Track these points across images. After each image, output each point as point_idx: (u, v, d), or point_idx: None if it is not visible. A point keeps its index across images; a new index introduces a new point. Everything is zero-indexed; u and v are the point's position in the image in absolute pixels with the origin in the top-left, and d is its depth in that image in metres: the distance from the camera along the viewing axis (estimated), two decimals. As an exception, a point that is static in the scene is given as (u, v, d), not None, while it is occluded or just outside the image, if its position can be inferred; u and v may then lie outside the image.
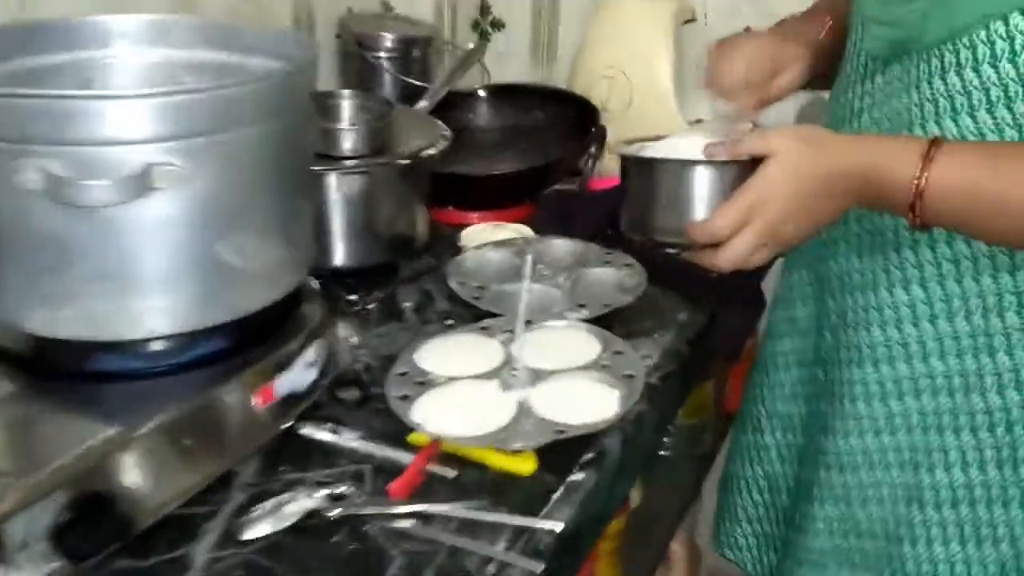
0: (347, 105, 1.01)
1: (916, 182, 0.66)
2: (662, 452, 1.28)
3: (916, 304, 0.75)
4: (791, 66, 0.92)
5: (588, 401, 0.71)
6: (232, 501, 0.66)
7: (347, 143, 0.96)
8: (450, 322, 0.92)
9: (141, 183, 0.57)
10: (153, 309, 0.62)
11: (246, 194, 0.64)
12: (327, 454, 0.72)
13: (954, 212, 0.67)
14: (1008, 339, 0.71)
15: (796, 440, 0.92)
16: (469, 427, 0.68)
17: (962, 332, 0.73)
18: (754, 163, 0.71)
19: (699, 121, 1.11)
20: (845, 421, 0.81)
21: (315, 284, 0.79)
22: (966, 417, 0.75)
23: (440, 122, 1.06)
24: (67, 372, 0.65)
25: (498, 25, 1.57)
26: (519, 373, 0.73)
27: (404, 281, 1.02)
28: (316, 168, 0.91)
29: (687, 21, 1.31)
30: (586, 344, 0.80)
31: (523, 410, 0.70)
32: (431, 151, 0.99)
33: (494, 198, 1.18)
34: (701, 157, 0.74)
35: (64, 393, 0.63)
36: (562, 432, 0.67)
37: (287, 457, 0.71)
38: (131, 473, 0.59)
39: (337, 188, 0.95)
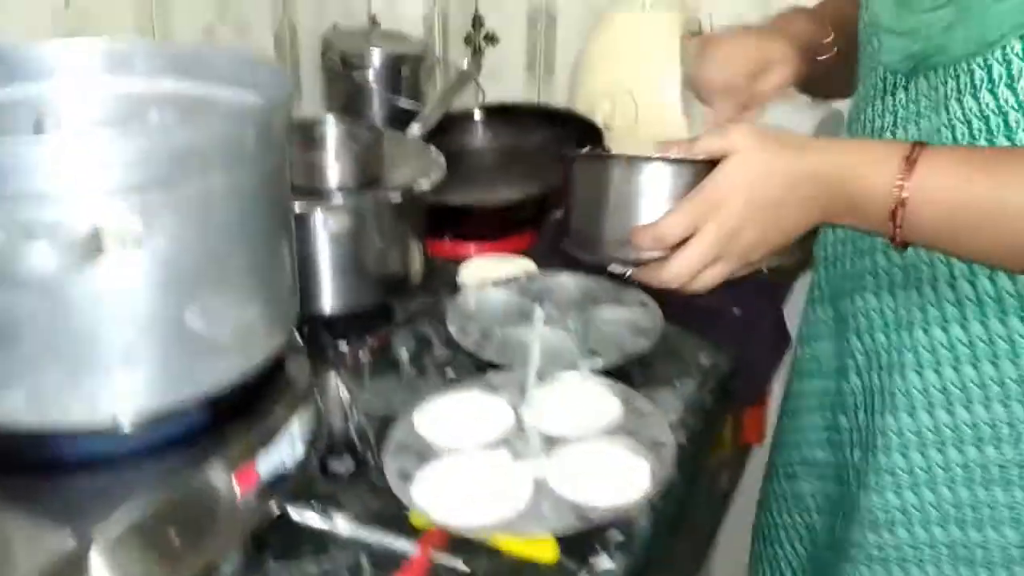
0: (332, 134, 0.92)
1: (898, 187, 0.60)
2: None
3: (956, 345, 0.67)
4: (776, 66, 0.85)
5: (612, 474, 0.62)
6: (210, 605, 0.57)
7: (333, 176, 0.88)
8: (451, 374, 0.84)
9: (89, 246, 0.48)
10: (112, 389, 0.53)
11: (215, 251, 0.55)
12: (319, 541, 0.63)
13: (938, 223, 0.61)
14: None
15: (829, 489, 0.84)
16: (480, 510, 0.60)
17: (1008, 377, 0.65)
18: (713, 165, 0.63)
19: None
20: (880, 475, 0.73)
21: (298, 339, 0.70)
22: (1017, 470, 0.67)
23: (434, 149, 0.97)
24: (15, 464, 0.56)
25: (492, 39, 1.48)
26: (531, 440, 0.65)
27: (399, 324, 0.93)
28: (299, 204, 0.82)
29: (693, 34, 1.22)
30: (604, 402, 0.71)
31: (540, 488, 0.61)
32: (424, 183, 0.90)
33: (493, 228, 1.09)
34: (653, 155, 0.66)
35: (13, 491, 0.53)
36: (587, 518, 0.58)
37: (274, 546, 0.62)
38: (92, 585, 0.50)
39: (323, 226, 0.86)
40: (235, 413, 0.61)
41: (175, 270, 0.52)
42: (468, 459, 0.64)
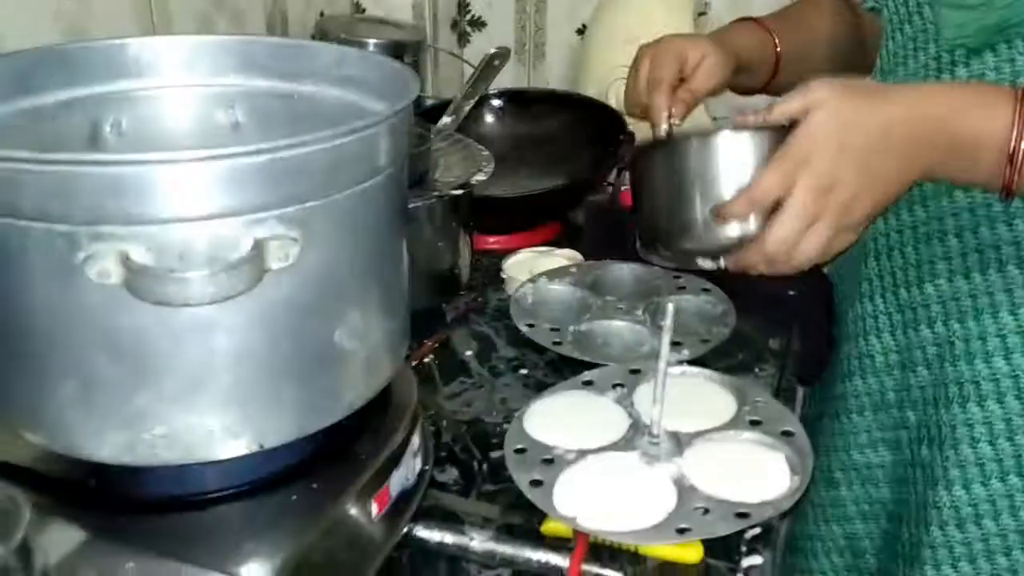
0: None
1: (1018, 129, 0.57)
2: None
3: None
4: (701, 63, 0.85)
5: (753, 470, 0.61)
6: (361, 640, 0.54)
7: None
8: (524, 371, 0.81)
9: (253, 267, 0.44)
10: (256, 419, 0.49)
11: (361, 265, 0.51)
12: (452, 560, 0.60)
13: None
14: None
15: (879, 494, 0.82)
16: (629, 517, 0.57)
17: None
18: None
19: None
20: (952, 469, 0.72)
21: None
22: None
23: (474, 142, 0.94)
24: (142, 501, 0.51)
25: (478, 24, 1.45)
26: (661, 441, 0.63)
27: (453, 324, 0.90)
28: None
29: (701, 14, 1.22)
30: (715, 394, 0.69)
31: (684, 489, 0.59)
32: (479, 177, 0.87)
33: (522, 219, 1.06)
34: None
35: (149, 531, 0.49)
36: (745, 515, 0.57)
37: (407, 569, 0.59)
38: (255, 635, 0.46)
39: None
40: (360, 432, 0.57)
41: (330, 287, 0.49)
42: (600, 463, 0.62)
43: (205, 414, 0.47)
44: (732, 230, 0.66)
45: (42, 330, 0.45)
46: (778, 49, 0.90)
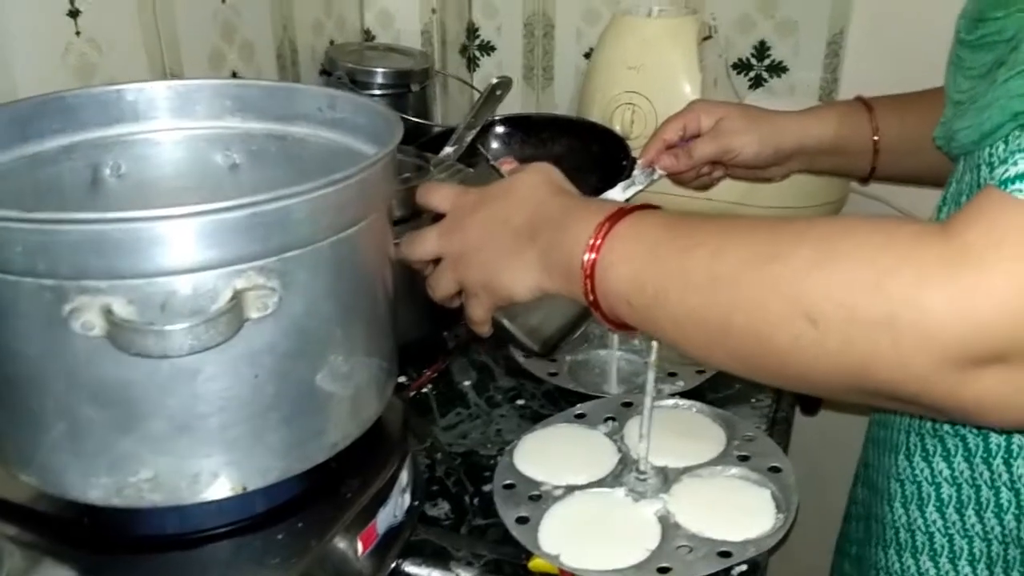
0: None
1: (591, 241, 0.52)
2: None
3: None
4: (715, 127, 0.85)
5: (738, 507, 0.61)
6: (346, 678, 0.55)
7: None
8: (521, 402, 0.82)
9: (232, 318, 0.45)
10: (241, 462, 0.50)
11: (344, 308, 0.52)
12: (439, 597, 0.61)
13: (626, 290, 0.51)
14: None
15: None
16: (612, 556, 0.58)
17: None
18: None
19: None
20: None
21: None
22: None
23: (472, 171, 0.95)
24: (132, 540, 0.53)
25: (487, 49, 1.46)
26: (648, 476, 0.63)
27: (453, 353, 0.91)
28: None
29: (705, 38, 1.22)
30: (705, 429, 0.70)
31: (668, 526, 0.60)
32: (478, 208, 0.88)
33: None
34: None
35: (145, 570, 0.50)
36: (728, 555, 0.57)
37: (394, 607, 0.60)
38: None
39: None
40: (347, 470, 0.58)
41: (313, 332, 0.50)
42: (586, 500, 0.62)
43: (189, 458, 0.49)
44: None
45: (32, 378, 0.47)
46: (876, 137, 0.82)
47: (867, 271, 0.41)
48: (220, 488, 0.50)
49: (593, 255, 0.52)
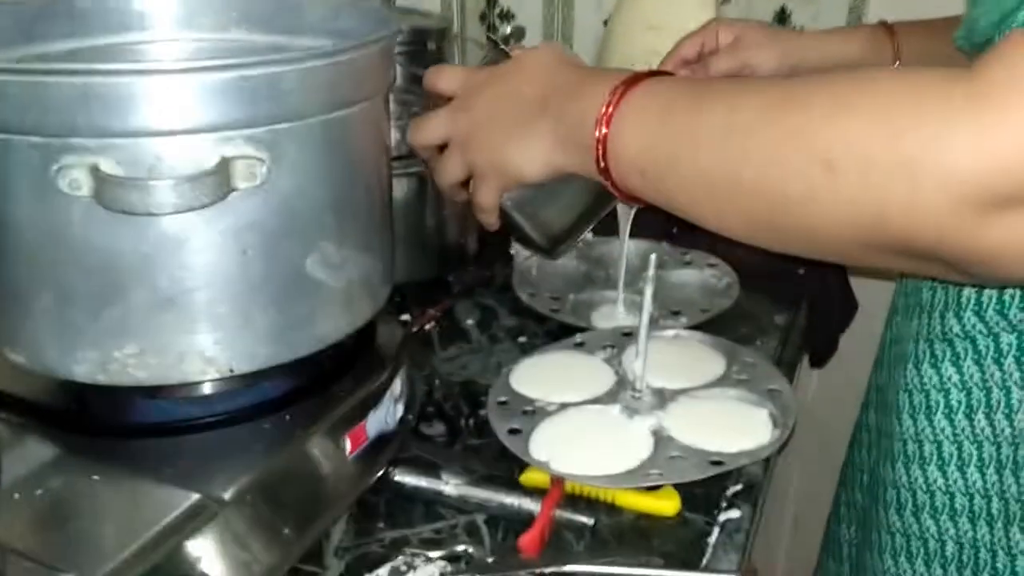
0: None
1: (603, 109, 0.51)
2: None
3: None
4: (733, 44, 0.83)
5: (734, 423, 0.60)
6: (329, 572, 0.54)
7: (392, 142, 0.84)
8: (523, 339, 0.81)
9: (218, 182, 0.45)
10: (228, 343, 0.50)
11: (336, 194, 0.52)
12: (428, 505, 0.60)
13: (640, 159, 0.50)
14: None
15: None
16: (603, 463, 0.57)
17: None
18: None
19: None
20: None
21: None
22: None
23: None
24: (120, 426, 0.52)
25: (507, 17, 1.46)
26: (643, 395, 0.62)
27: (458, 296, 0.90)
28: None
29: (724, 2, 1.21)
30: (705, 355, 0.69)
31: (661, 439, 0.59)
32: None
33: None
34: None
35: (122, 453, 0.50)
36: (720, 463, 0.56)
37: (383, 512, 0.59)
38: (216, 554, 0.47)
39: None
40: (339, 372, 0.58)
41: (302, 213, 0.49)
42: (580, 415, 0.62)
43: (175, 333, 0.49)
44: None
45: (19, 245, 0.47)
46: (897, 62, 0.81)
47: (889, 114, 0.40)
48: (206, 369, 0.50)
49: (605, 122, 0.51)
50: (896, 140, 0.39)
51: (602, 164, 0.52)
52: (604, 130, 0.51)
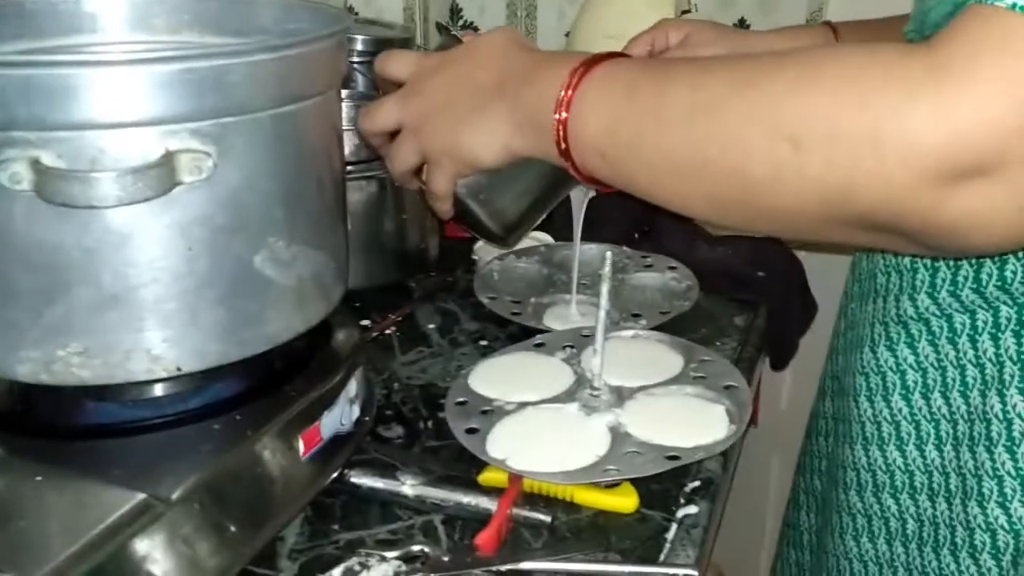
0: (344, 105, 0.89)
1: (562, 93, 0.50)
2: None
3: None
4: (683, 42, 0.84)
5: (690, 420, 0.60)
6: (283, 575, 0.53)
7: (348, 147, 0.84)
8: (484, 343, 0.81)
9: (162, 175, 0.44)
10: (175, 341, 0.49)
11: (285, 190, 0.51)
12: (384, 506, 0.59)
13: (598, 151, 0.50)
14: None
15: None
16: (560, 460, 0.57)
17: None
18: None
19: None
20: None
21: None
22: None
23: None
24: (66, 428, 0.52)
25: (469, 27, 1.46)
26: (601, 393, 0.62)
27: (419, 301, 0.90)
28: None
29: (684, 12, 1.23)
30: (663, 354, 0.69)
31: (618, 436, 0.59)
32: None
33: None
34: None
35: (67, 455, 0.49)
36: (676, 458, 0.56)
37: (338, 514, 0.58)
38: (162, 555, 0.46)
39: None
40: (293, 373, 0.57)
41: (248, 208, 0.49)
42: (538, 413, 0.61)
43: (120, 331, 0.48)
44: None
45: (-40, 242, 0.46)
46: None
47: (851, 88, 0.40)
48: (153, 367, 0.49)
49: (565, 105, 0.50)
50: (861, 112, 0.39)
51: (563, 146, 0.51)
52: (564, 114, 0.51)
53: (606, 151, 0.50)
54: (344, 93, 0.92)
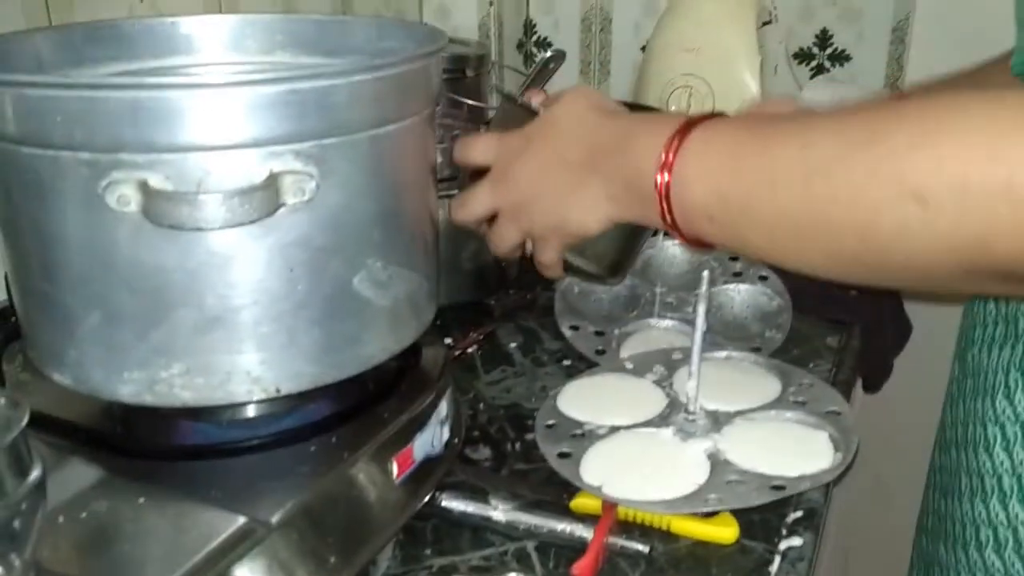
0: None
1: (662, 158, 0.49)
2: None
3: None
4: None
5: (793, 447, 0.58)
6: (377, 601, 0.53)
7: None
8: (567, 362, 0.80)
9: (267, 197, 0.44)
10: (273, 363, 0.49)
11: (382, 211, 0.51)
12: (476, 531, 0.58)
13: (705, 215, 0.49)
14: None
15: None
16: (658, 488, 0.55)
17: None
18: None
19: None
20: None
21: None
22: None
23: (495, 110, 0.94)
24: (164, 448, 0.52)
25: (544, 45, 1.46)
26: (697, 417, 0.60)
27: (499, 319, 0.89)
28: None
29: (765, 23, 1.20)
30: (759, 377, 0.67)
31: (718, 463, 0.57)
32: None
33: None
34: None
35: (167, 476, 0.49)
36: (781, 488, 0.54)
37: (430, 538, 0.58)
38: (261, 578, 0.45)
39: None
40: (385, 394, 0.57)
41: (349, 229, 0.48)
42: (632, 438, 0.60)
43: (221, 353, 0.48)
44: None
45: (67, 263, 0.46)
46: None
47: (977, 139, 0.38)
48: (253, 388, 0.49)
49: (667, 174, 0.49)
50: (992, 163, 0.37)
51: (668, 217, 0.50)
52: (667, 177, 0.49)
53: (715, 215, 0.48)
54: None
